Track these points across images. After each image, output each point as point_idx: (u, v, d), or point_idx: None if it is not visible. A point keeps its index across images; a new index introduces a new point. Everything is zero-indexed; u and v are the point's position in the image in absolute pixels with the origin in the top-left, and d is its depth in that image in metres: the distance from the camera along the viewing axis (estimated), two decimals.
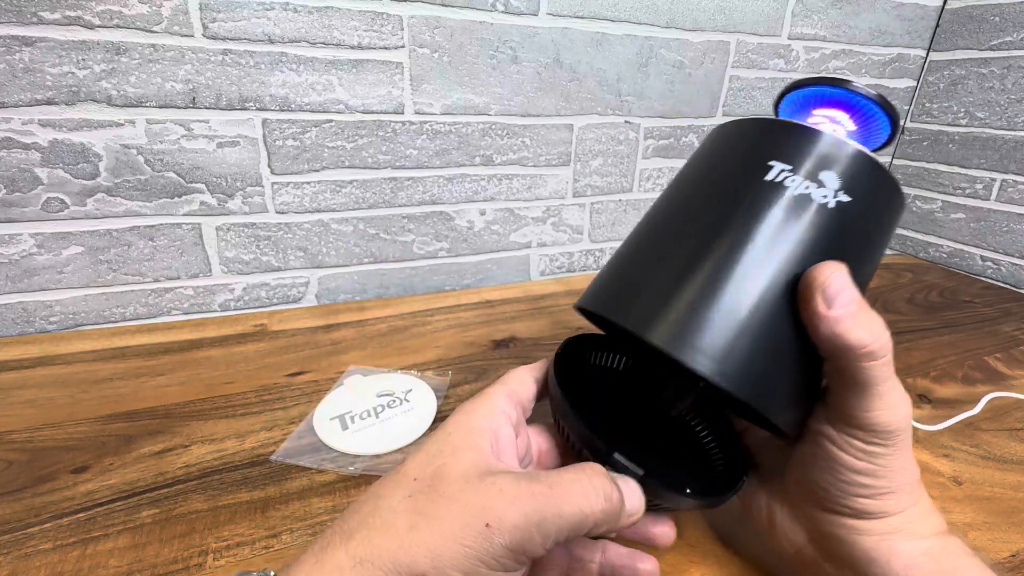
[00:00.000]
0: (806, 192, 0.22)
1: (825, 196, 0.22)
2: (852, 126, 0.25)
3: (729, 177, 0.24)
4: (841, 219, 0.22)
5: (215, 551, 0.27)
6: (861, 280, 0.23)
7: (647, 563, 0.23)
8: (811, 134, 0.23)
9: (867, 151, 0.23)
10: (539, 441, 0.26)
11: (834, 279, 0.20)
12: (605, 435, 0.23)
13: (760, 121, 0.25)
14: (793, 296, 0.21)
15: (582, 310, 0.26)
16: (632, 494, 0.21)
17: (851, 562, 0.22)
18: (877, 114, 0.24)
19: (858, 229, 0.22)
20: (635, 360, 0.31)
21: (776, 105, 0.27)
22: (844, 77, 0.24)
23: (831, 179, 0.22)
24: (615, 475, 0.21)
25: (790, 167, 0.22)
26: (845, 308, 0.19)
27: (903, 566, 0.21)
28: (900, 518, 0.21)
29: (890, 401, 0.20)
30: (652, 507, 0.23)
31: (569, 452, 0.26)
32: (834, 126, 0.25)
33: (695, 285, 0.21)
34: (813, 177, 0.22)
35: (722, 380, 0.20)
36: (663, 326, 0.21)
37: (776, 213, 0.21)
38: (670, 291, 0.21)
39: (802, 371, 0.22)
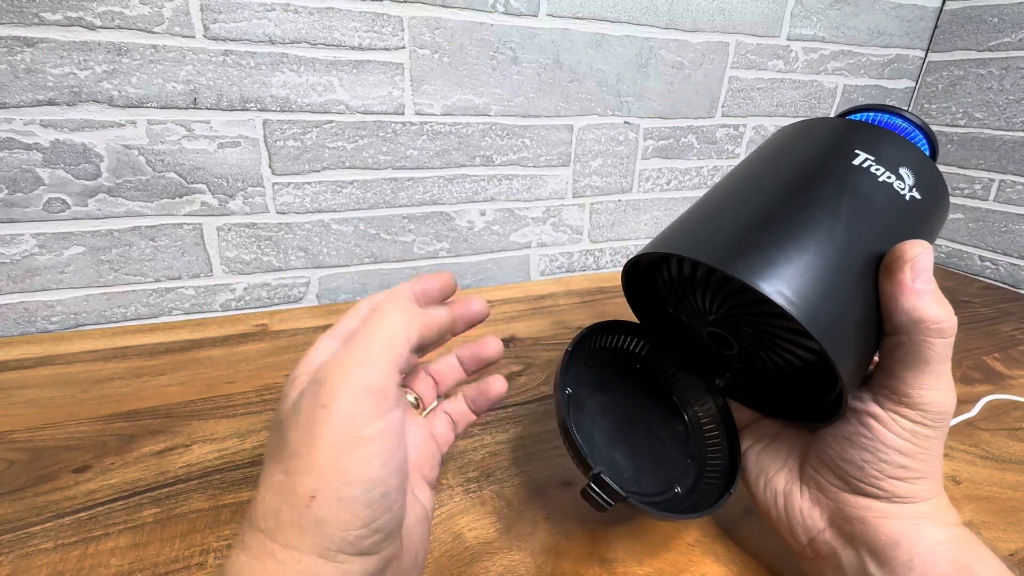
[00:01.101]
0: (889, 181, 0.24)
1: (903, 189, 0.24)
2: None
3: (817, 158, 0.25)
4: (915, 212, 0.24)
5: (216, 550, 0.28)
6: None
7: (494, 382, 0.28)
8: (892, 135, 0.25)
9: (932, 161, 0.26)
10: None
11: (924, 256, 0.21)
12: (603, 441, 0.25)
13: (841, 120, 0.27)
14: (870, 268, 0.22)
15: (636, 264, 0.28)
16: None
17: (874, 546, 0.22)
18: (920, 139, 0.27)
19: (925, 225, 0.25)
20: (658, 345, 0.32)
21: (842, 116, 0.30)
22: (897, 106, 0.28)
23: (908, 175, 0.24)
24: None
25: (874, 158, 0.24)
26: (928, 284, 0.21)
27: (928, 551, 0.21)
28: (929, 505, 0.22)
29: (945, 383, 0.21)
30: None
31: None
32: None
33: (782, 234, 0.22)
34: (894, 170, 0.24)
35: (801, 316, 0.20)
36: (744, 261, 0.21)
37: (866, 191, 0.23)
38: (754, 234, 0.22)
39: (866, 340, 0.23)
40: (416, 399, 0.28)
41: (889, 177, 0.24)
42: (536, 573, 0.27)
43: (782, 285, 0.20)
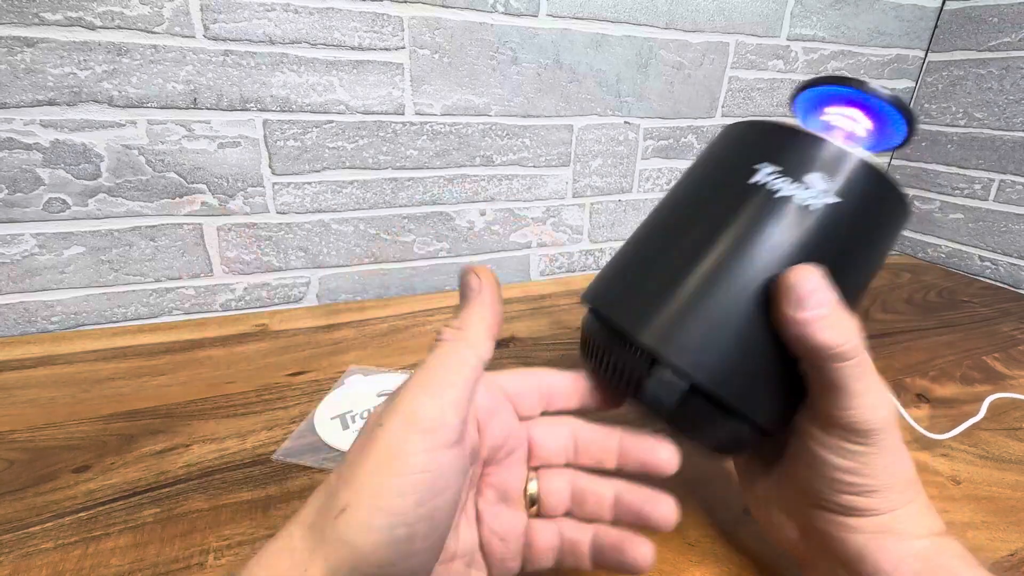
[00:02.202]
0: (789, 194, 0.22)
1: (810, 198, 0.22)
2: (868, 124, 0.25)
3: (717, 180, 0.24)
4: (827, 221, 0.22)
5: (216, 550, 0.28)
6: (850, 283, 0.23)
7: (640, 547, 0.22)
8: (799, 137, 0.23)
9: (859, 152, 0.22)
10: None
11: (803, 281, 0.20)
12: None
13: (753, 124, 0.25)
14: (765, 301, 0.21)
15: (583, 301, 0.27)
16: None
17: (843, 559, 0.22)
18: (892, 114, 0.24)
19: (847, 232, 0.22)
20: None
21: (791, 100, 0.27)
22: (860, 78, 0.24)
23: (817, 181, 0.22)
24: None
25: (778, 169, 0.22)
26: (814, 311, 0.20)
27: (892, 567, 0.20)
28: (890, 517, 0.21)
29: (867, 401, 0.20)
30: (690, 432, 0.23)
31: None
32: (851, 124, 0.25)
33: (678, 286, 0.22)
34: (798, 179, 0.22)
35: (696, 373, 0.21)
36: (646, 322, 0.22)
37: (756, 215, 0.22)
38: (657, 291, 0.22)
39: (780, 370, 0.22)
40: (536, 495, 0.23)
41: (792, 189, 0.22)
42: (535, 573, 0.27)
43: (681, 347, 0.21)
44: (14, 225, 0.47)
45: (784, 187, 0.22)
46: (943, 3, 0.78)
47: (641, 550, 0.22)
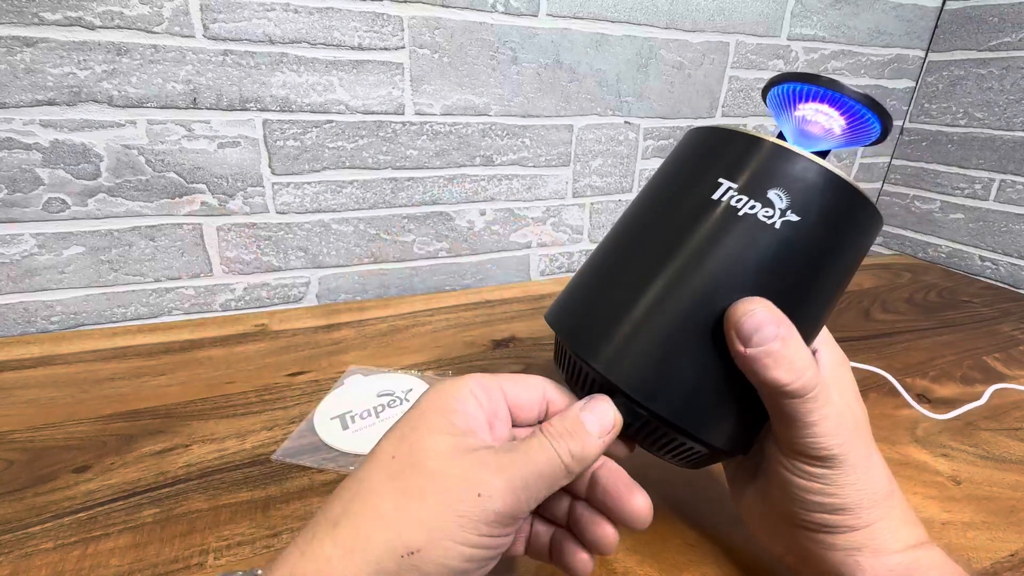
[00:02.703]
0: (752, 212, 0.21)
1: (770, 216, 0.21)
2: (842, 121, 0.24)
3: (676, 195, 0.24)
4: (790, 240, 0.21)
5: (216, 550, 0.28)
6: (817, 299, 0.22)
7: (608, 527, 0.22)
8: (762, 149, 0.22)
9: (824, 164, 0.21)
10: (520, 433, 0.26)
11: (749, 316, 0.19)
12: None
13: (716, 132, 0.24)
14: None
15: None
16: (599, 413, 0.21)
17: (824, 574, 0.22)
18: (866, 113, 0.23)
19: (808, 250, 0.21)
20: None
21: (764, 93, 0.26)
22: (833, 77, 0.23)
23: (780, 197, 0.21)
24: (581, 404, 0.21)
25: (736, 185, 0.21)
26: (761, 347, 0.19)
27: None
28: (864, 533, 0.21)
29: (823, 429, 0.20)
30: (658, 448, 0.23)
31: None
32: (826, 121, 0.24)
33: (633, 311, 0.21)
34: (759, 195, 0.21)
35: (649, 401, 0.21)
36: (600, 349, 0.22)
37: (712, 236, 0.21)
38: (612, 316, 0.22)
39: (740, 394, 0.21)
40: None
41: (752, 206, 0.21)
42: (536, 573, 0.27)
43: (636, 374, 0.21)
44: (14, 225, 0.47)
45: (743, 205, 0.21)
46: (943, 3, 0.78)
47: (606, 530, 0.22)
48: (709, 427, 0.22)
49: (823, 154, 0.24)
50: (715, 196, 0.21)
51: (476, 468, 0.19)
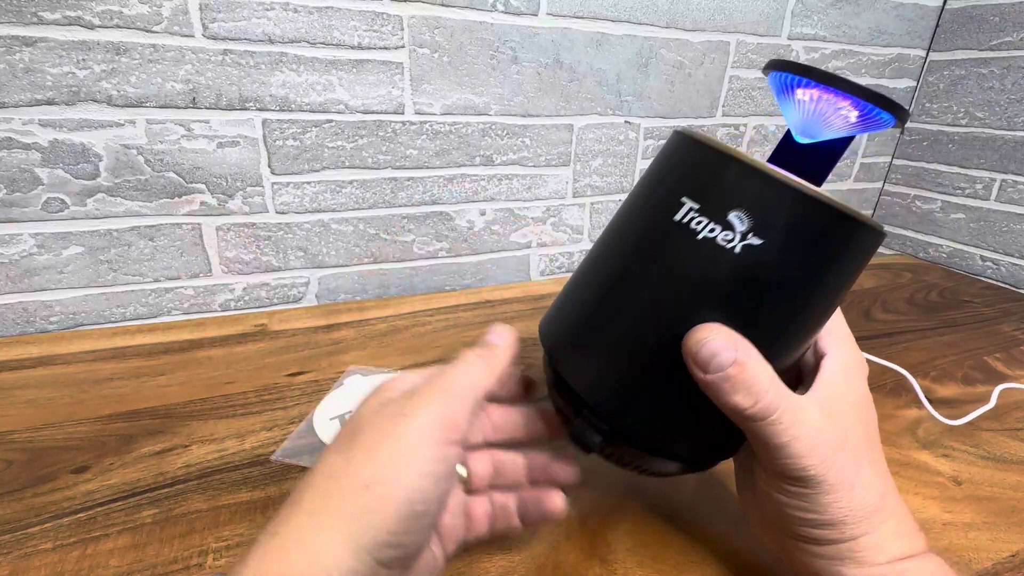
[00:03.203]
0: (712, 236, 0.20)
1: (730, 240, 0.20)
2: (848, 109, 0.22)
3: (646, 211, 0.24)
4: (747, 266, 0.20)
5: (215, 551, 0.27)
6: (786, 326, 0.21)
7: (553, 498, 0.25)
8: (726, 166, 0.21)
9: (794, 182, 0.20)
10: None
11: (704, 345, 0.20)
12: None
13: (690, 144, 0.23)
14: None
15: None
16: (497, 330, 0.25)
17: None
18: (868, 106, 0.21)
19: (773, 274, 0.20)
20: None
21: (766, 71, 0.24)
22: (838, 73, 0.22)
23: (741, 219, 0.20)
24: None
25: (697, 206, 0.21)
26: (718, 374, 0.20)
27: None
28: (847, 546, 0.21)
29: (795, 450, 0.20)
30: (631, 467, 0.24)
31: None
32: (833, 109, 0.22)
33: (603, 332, 0.23)
34: (719, 218, 0.20)
35: (616, 419, 0.22)
36: (574, 365, 0.23)
37: (676, 258, 0.21)
38: (584, 336, 0.23)
39: (710, 412, 0.21)
40: (467, 477, 0.26)
41: (712, 230, 0.20)
42: (536, 574, 0.27)
43: (605, 390, 0.22)
44: (12, 225, 0.47)
45: (703, 228, 0.20)
46: (944, 2, 0.78)
47: (555, 500, 0.25)
48: (682, 445, 0.23)
49: (835, 148, 0.23)
50: (677, 218, 0.21)
51: (406, 404, 0.21)
